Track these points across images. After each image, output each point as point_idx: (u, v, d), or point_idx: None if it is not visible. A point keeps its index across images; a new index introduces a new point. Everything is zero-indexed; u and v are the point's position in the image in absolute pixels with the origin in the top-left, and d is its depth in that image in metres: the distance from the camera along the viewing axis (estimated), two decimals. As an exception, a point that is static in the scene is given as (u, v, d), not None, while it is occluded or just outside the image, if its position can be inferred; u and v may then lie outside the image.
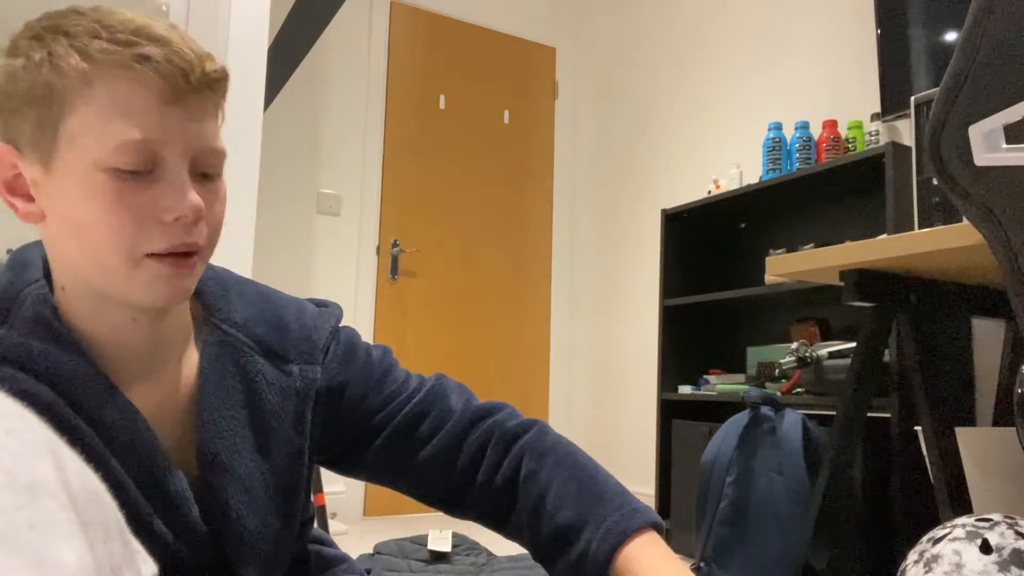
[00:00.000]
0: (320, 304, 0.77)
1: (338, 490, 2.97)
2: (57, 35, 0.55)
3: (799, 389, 2.07)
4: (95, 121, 0.54)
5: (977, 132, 0.80)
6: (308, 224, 3.06)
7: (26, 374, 0.56)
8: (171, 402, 0.65)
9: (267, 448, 0.67)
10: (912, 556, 0.98)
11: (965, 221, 1.13)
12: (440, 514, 3.19)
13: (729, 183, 2.55)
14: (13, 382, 0.55)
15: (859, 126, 2.23)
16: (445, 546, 1.63)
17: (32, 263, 0.64)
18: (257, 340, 0.68)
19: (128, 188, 0.55)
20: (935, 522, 1.08)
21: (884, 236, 1.33)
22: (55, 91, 0.54)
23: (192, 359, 0.67)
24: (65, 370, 0.57)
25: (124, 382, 0.61)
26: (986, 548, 0.90)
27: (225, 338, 0.67)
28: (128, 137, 0.54)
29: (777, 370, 2.15)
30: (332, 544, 0.86)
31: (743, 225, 2.78)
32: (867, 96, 2.34)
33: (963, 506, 1.28)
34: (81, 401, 0.58)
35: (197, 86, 0.57)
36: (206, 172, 0.60)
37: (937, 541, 0.95)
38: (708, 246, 2.79)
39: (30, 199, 0.59)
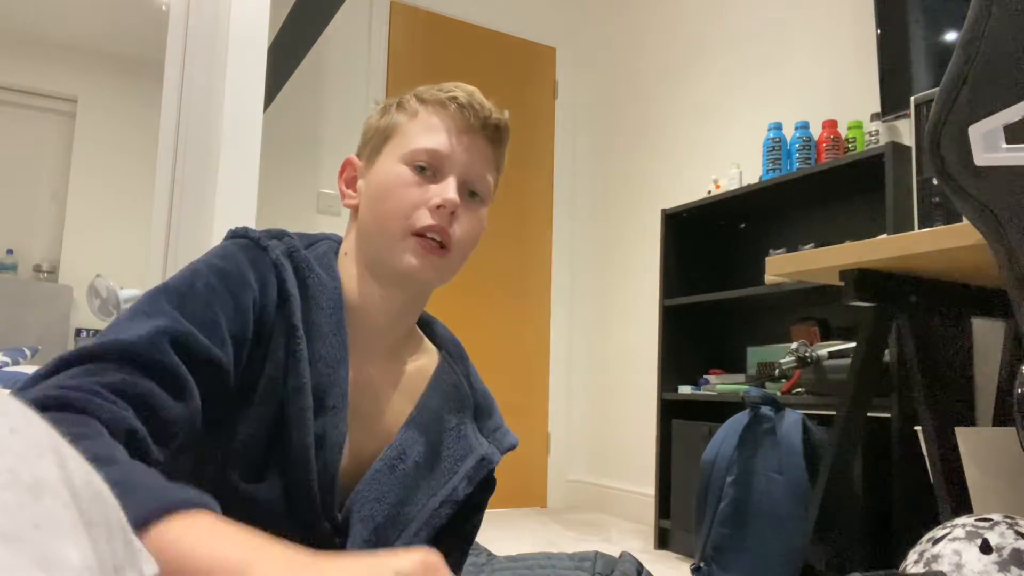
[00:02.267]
0: None
1: (338, 490, 2.97)
2: (409, 94, 0.83)
3: (799, 389, 2.07)
4: (411, 133, 0.78)
5: (977, 132, 0.81)
6: (308, 224, 3.06)
7: (294, 273, 0.72)
8: (383, 386, 0.79)
9: (434, 479, 0.80)
10: (912, 556, 0.99)
11: (965, 221, 1.13)
12: (440, 514, 3.19)
13: (729, 183, 2.55)
14: (282, 265, 0.71)
15: (859, 126, 2.23)
16: (445, 546, 1.62)
17: (318, 236, 0.83)
18: (475, 400, 0.89)
19: (416, 179, 0.76)
20: (935, 522, 1.08)
21: (884, 236, 1.33)
22: (396, 122, 0.80)
23: (420, 366, 0.83)
24: (323, 290, 0.73)
25: (353, 343, 0.75)
26: (986, 548, 0.90)
27: (454, 372, 0.87)
28: (427, 145, 0.77)
29: (777, 370, 2.15)
30: None
31: (743, 225, 2.78)
32: (867, 96, 2.34)
33: (963, 506, 1.28)
34: (315, 320, 0.71)
35: (483, 126, 0.80)
36: (473, 191, 0.80)
37: (937, 541, 0.95)
38: (708, 246, 2.79)
39: (355, 190, 0.82)
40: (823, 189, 2.31)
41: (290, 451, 0.67)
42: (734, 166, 2.57)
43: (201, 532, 0.41)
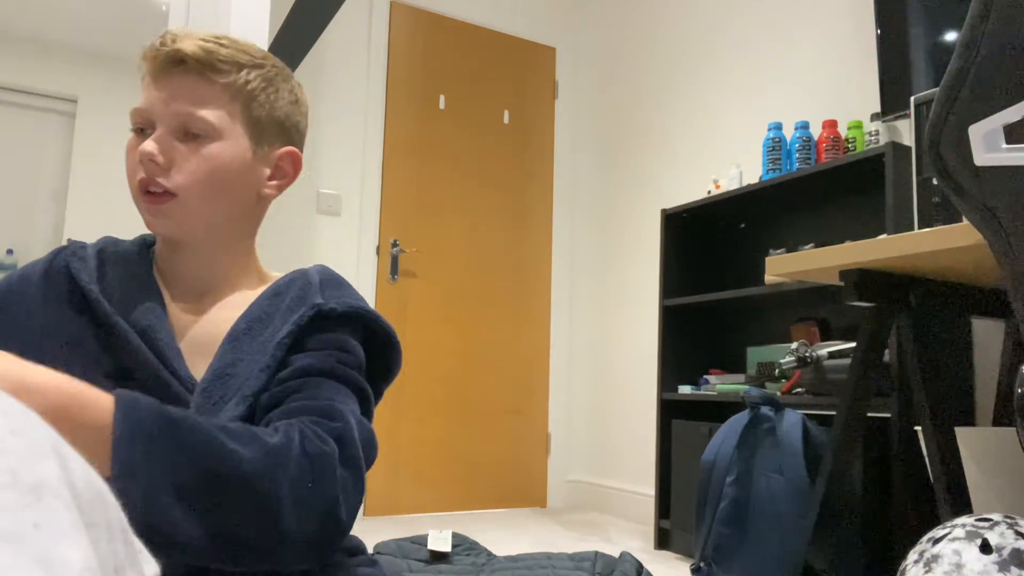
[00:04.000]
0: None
1: (338, 490, 2.97)
2: None
3: (799, 389, 2.07)
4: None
5: (977, 132, 0.81)
6: (308, 224, 3.07)
7: (94, 259, 0.83)
8: (210, 317, 0.84)
9: (265, 336, 0.83)
10: (912, 556, 0.99)
11: (965, 221, 1.13)
12: (440, 514, 3.19)
13: (729, 183, 2.55)
14: (71, 259, 0.82)
15: (859, 126, 2.23)
16: (445, 546, 1.62)
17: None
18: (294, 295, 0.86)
19: (137, 141, 0.80)
20: (935, 522, 1.08)
21: (884, 236, 1.33)
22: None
23: (254, 292, 0.87)
24: (124, 261, 0.84)
25: (171, 290, 0.84)
26: (986, 548, 0.90)
27: (292, 283, 0.87)
28: (135, 106, 0.81)
29: (777, 370, 2.15)
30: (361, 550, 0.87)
31: (743, 225, 2.78)
32: (867, 96, 2.34)
33: (963, 506, 1.28)
34: (120, 283, 0.81)
35: (170, 63, 0.79)
36: (191, 131, 0.79)
37: (937, 541, 0.95)
38: (708, 246, 2.79)
39: None
40: (823, 189, 2.31)
41: (134, 362, 0.77)
42: (734, 166, 2.57)
43: None
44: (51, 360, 0.74)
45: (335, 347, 0.79)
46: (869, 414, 1.83)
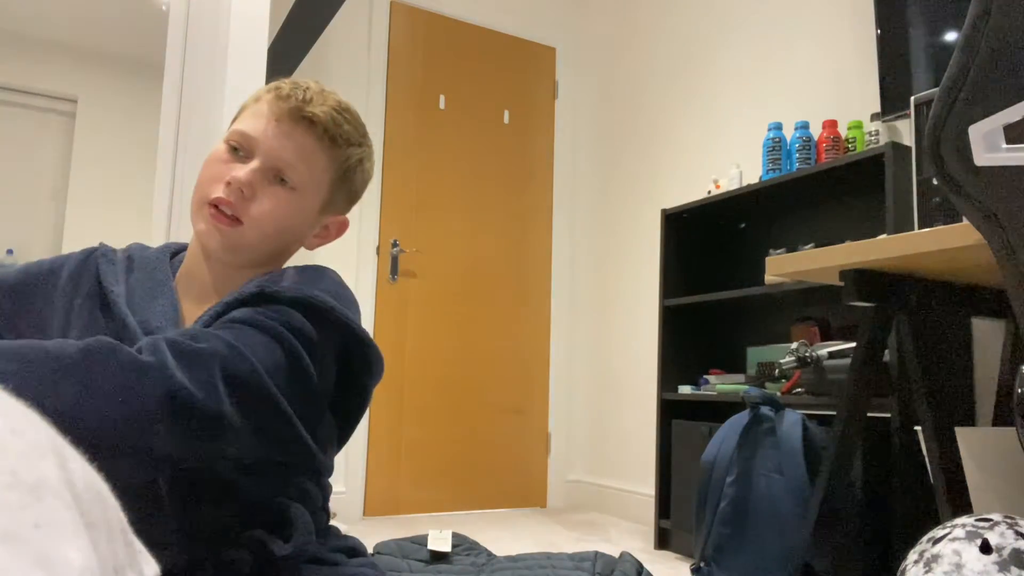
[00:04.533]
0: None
1: (338, 490, 2.97)
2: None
3: (799, 389, 2.07)
4: (242, 116, 0.88)
5: (977, 132, 0.81)
6: (308, 224, 3.06)
7: (123, 259, 0.89)
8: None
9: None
10: (912, 556, 0.99)
11: (965, 221, 1.13)
12: (440, 514, 3.19)
13: (729, 183, 2.55)
14: (99, 258, 0.88)
15: (859, 126, 2.23)
16: (445, 546, 1.62)
17: None
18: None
19: (227, 156, 0.85)
20: (935, 522, 1.08)
21: (884, 236, 1.33)
22: (244, 104, 0.91)
23: None
24: (143, 260, 0.89)
25: (186, 288, 0.88)
26: (986, 548, 0.90)
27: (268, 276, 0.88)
28: (241, 127, 0.85)
29: (777, 370, 2.15)
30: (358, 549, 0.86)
31: (743, 225, 2.78)
32: (867, 96, 2.34)
33: (963, 506, 1.28)
34: (137, 279, 0.86)
35: (299, 117, 0.85)
36: (283, 177, 0.85)
37: (937, 541, 0.95)
38: (708, 246, 2.79)
39: None
40: (823, 189, 2.31)
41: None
42: (734, 166, 2.57)
43: None
44: None
45: (272, 310, 0.77)
46: (869, 414, 1.83)
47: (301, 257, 3.15)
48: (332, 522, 0.89)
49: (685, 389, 2.58)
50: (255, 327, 0.73)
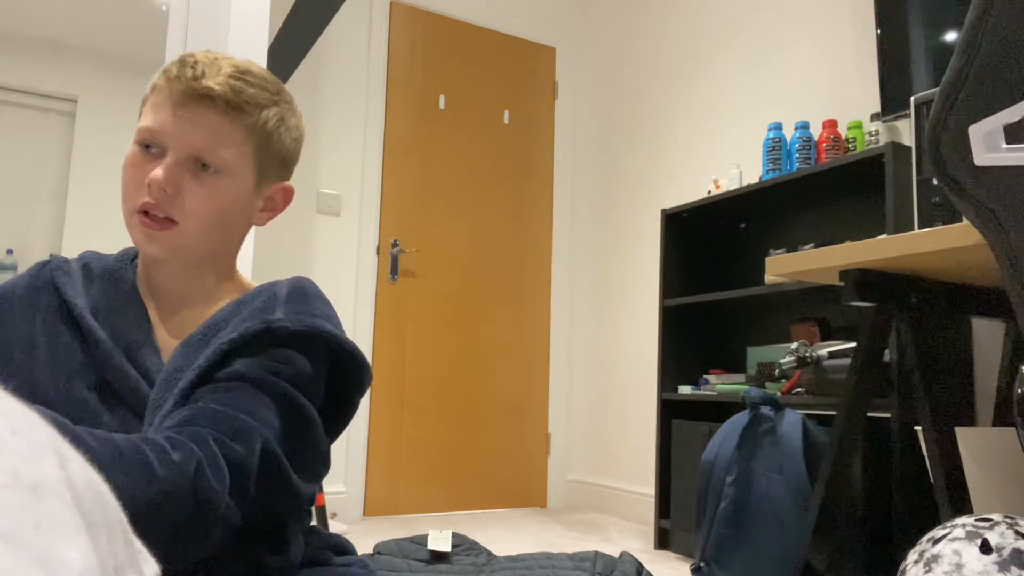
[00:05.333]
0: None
1: (338, 490, 2.97)
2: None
3: (799, 389, 2.07)
4: (144, 111, 0.82)
5: (977, 132, 0.81)
6: (308, 224, 3.07)
7: (80, 273, 0.84)
8: (187, 325, 0.84)
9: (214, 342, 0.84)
10: (912, 556, 0.98)
11: (965, 221, 1.13)
12: (440, 514, 3.19)
13: (729, 183, 2.55)
14: (57, 273, 0.83)
15: (859, 126, 2.23)
16: (445, 546, 1.62)
17: None
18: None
19: (142, 157, 0.80)
20: (935, 522, 1.08)
21: (884, 236, 1.33)
22: (145, 98, 0.83)
23: (223, 304, 0.86)
24: (107, 273, 0.85)
25: (154, 300, 0.85)
26: (986, 548, 0.90)
27: (256, 297, 0.84)
28: (145, 123, 0.80)
29: (777, 370, 2.15)
30: (346, 548, 0.86)
31: (743, 225, 2.78)
32: (867, 96, 2.34)
33: (963, 506, 1.28)
34: (103, 294, 0.82)
35: (199, 97, 0.78)
36: (205, 163, 0.79)
37: (937, 541, 0.95)
38: (708, 246, 2.79)
39: None
40: (823, 189, 2.31)
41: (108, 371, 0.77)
42: (734, 166, 2.57)
43: None
44: (37, 371, 0.76)
45: (275, 359, 0.76)
46: (869, 414, 1.83)
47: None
48: (332, 522, 0.89)
49: (685, 389, 2.58)
50: (263, 392, 0.73)
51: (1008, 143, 0.79)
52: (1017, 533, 0.90)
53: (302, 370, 0.76)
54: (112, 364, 0.76)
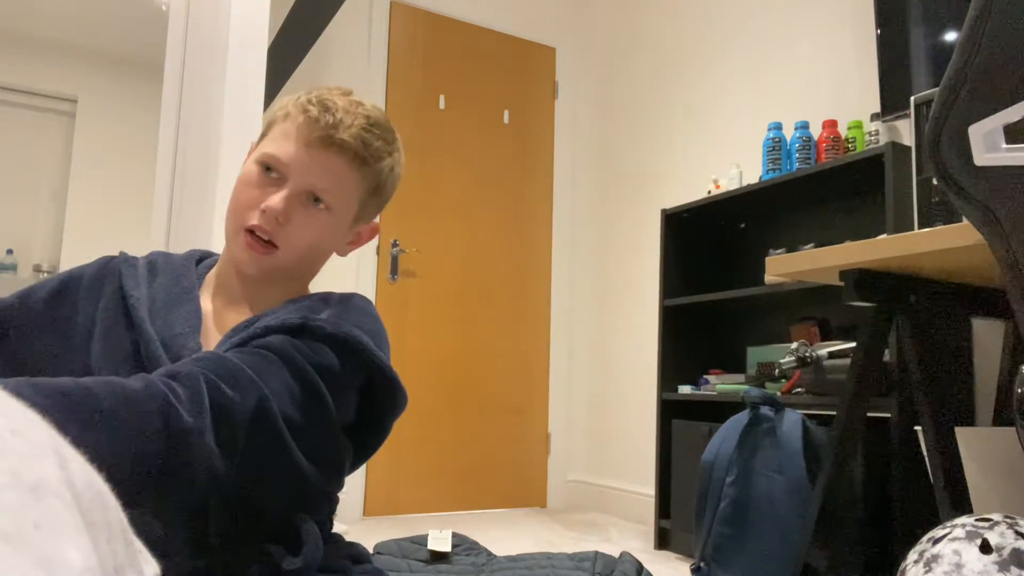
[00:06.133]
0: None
1: (338, 490, 2.97)
2: (301, 94, 0.90)
3: (799, 389, 2.07)
4: (273, 135, 0.87)
5: (977, 132, 0.81)
6: (308, 224, 3.06)
7: (144, 266, 0.89)
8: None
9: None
10: (912, 556, 0.99)
11: (965, 221, 1.13)
12: (440, 514, 3.19)
13: (729, 183, 2.55)
14: (120, 264, 0.88)
15: (859, 126, 2.23)
16: (445, 546, 1.62)
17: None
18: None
19: (261, 179, 0.85)
20: (935, 522, 1.08)
21: (884, 236, 1.33)
22: (272, 119, 0.89)
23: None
24: (168, 268, 0.89)
25: (216, 300, 0.89)
26: (986, 548, 0.90)
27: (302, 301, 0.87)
28: (272, 151, 0.85)
29: (777, 370, 2.15)
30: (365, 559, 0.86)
31: (743, 225, 2.78)
32: (867, 96, 2.34)
33: (963, 506, 1.28)
34: (158, 287, 0.86)
35: (331, 142, 0.84)
36: (317, 198, 0.85)
37: (937, 541, 0.95)
38: (708, 246, 2.79)
39: None
40: (823, 189, 2.31)
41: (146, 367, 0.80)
42: (734, 166, 2.57)
43: None
44: (91, 356, 0.79)
45: (307, 347, 0.77)
46: (869, 414, 1.83)
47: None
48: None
49: (685, 389, 2.58)
50: (284, 362, 0.74)
51: (1008, 143, 0.79)
52: (1017, 533, 0.90)
53: (329, 365, 0.77)
54: (149, 354, 0.78)
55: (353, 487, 3.02)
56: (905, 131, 2.17)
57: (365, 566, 0.84)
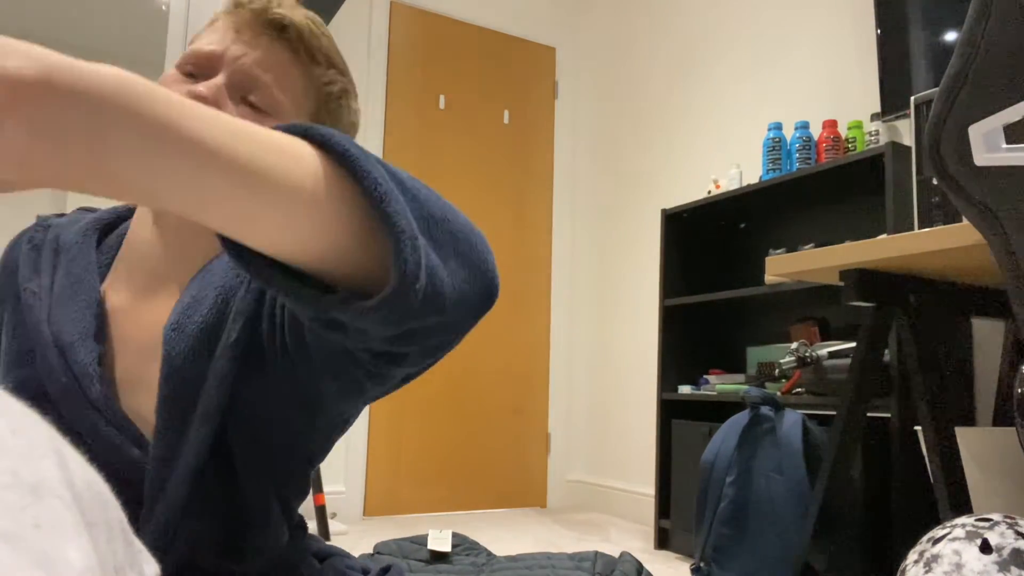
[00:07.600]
0: None
1: (338, 490, 2.97)
2: None
3: (799, 389, 2.07)
4: (197, 39, 0.70)
5: (977, 132, 0.81)
6: (308, 224, 3.06)
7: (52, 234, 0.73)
8: (151, 329, 0.69)
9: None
10: (912, 556, 0.99)
11: (965, 221, 1.13)
12: (440, 514, 3.19)
13: (729, 183, 2.55)
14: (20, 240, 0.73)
15: (859, 126, 2.23)
16: (445, 546, 1.62)
17: None
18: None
19: (179, 77, 0.67)
20: (935, 522, 1.08)
21: (884, 236, 1.33)
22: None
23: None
24: (68, 242, 0.72)
25: (119, 270, 0.72)
26: (986, 548, 0.90)
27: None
28: (195, 46, 0.68)
29: (777, 370, 2.15)
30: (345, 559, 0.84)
31: (743, 225, 2.78)
32: (867, 96, 2.34)
33: (963, 506, 1.28)
34: (61, 262, 0.70)
35: (263, 23, 0.68)
36: (251, 102, 0.67)
37: (937, 541, 0.95)
38: (708, 246, 2.79)
39: None
40: (823, 189, 2.31)
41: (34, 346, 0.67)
42: (734, 166, 2.57)
43: None
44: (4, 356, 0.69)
45: None
46: (869, 414, 1.83)
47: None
48: (332, 522, 0.88)
49: (685, 389, 2.58)
50: None
51: (1008, 143, 0.79)
52: (1017, 533, 0.90)
53: None
54: (49, 367, 0.65)
55: (353, 487, 3.02)
56: (905, 131, 2.17)
57: (358, 560, 0.82)
